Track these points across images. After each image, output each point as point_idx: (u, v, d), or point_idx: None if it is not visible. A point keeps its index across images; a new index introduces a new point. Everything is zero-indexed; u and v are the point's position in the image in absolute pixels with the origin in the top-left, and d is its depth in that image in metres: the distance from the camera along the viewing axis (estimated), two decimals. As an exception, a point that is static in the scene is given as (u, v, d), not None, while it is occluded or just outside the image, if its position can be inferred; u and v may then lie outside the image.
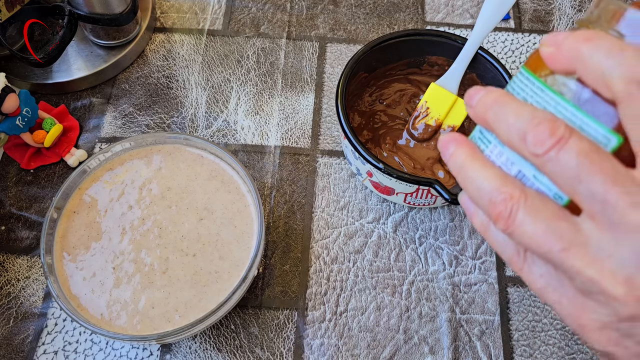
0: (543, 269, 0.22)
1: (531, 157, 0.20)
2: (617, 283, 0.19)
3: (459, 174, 0.23)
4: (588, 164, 0.19)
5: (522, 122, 0.20)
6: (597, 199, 0.19)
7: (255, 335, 0.41)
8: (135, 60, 0.53)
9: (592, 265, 0.20)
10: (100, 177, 0.43)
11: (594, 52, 0.20)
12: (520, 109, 0.21)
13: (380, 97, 0.49)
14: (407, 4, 0.58)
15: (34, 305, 0.42)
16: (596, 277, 0.20)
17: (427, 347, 0.41)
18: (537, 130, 0.20)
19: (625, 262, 0.19)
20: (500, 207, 0.21)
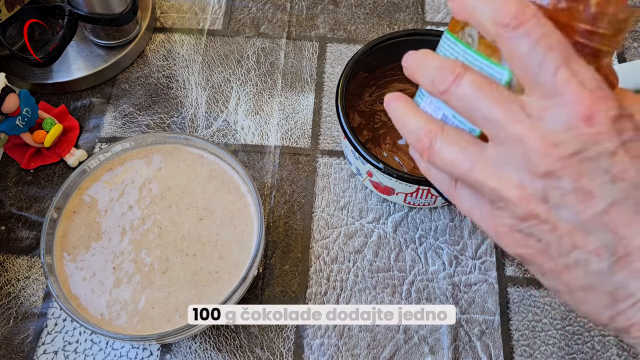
0: (467, 193, 0.26)
1: (440, 96, 0.25)
2: (511, 188, 0.23)
3: (397, 123, 0.27)
4: (479, 92, 0.23)
5: (433, 70, 0.25)
6: (489, 120, 0.23)
7: (255, 335, 0.41)
8: (135, 60, 0.53)
9: (492, 176, 0.23)
10: (100, 177, 0.43)
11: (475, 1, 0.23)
12: (434, 61, 0.25)
13: (380, 97, 0.49)
14: (407, 4, 0.58)
15: (34, 305, 0.42)
16: (496, 185, 0.23)
17: (427, 347, 0.41)
18: (441, 73, 0.24)
19: (515, 170, 0.23)
20: (423, 141, 0.25)
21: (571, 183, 0.21)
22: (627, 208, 0.21)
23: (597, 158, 0.21)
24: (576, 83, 0.21)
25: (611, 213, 0.21)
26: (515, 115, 0.22)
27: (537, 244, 0.23)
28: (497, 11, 0.22)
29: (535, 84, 0.22)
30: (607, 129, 0.21)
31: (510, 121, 0.22)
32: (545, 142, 0.22)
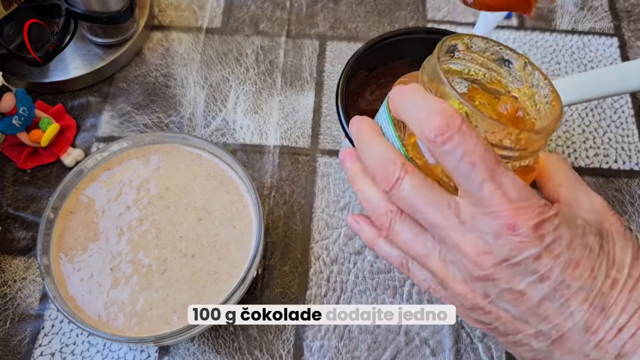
0: (423, 274, 0.29)
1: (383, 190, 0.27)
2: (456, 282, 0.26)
3: (354, 189, 0.29)
4: (419, 197, 0.25)
5: (375, 164, 0.27)
6: (429, 223, 0.26)
7: (255, 337, 0.41)
8: (133, 59, 0.53)
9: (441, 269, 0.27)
10: (97, 177, 0.42)
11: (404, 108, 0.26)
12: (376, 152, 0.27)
13: (381, 96, 0.49)
14: (408, 1, 0.57)
15: (31, 307, 0.42)
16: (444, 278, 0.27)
17: (429, 349, 0.40)
18: (381, 173, 0.26)
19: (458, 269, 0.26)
20: (382, 219, 0.28)
21: (505, 284, 0.24)
22: (556, 300, 0.24)
23: (525, 262, 0.24)
24: (500, 195, 0.24)
25: (542, 305, 0.24)
26: (450, 222, 0.25)
27: (486, 325, 0.27)
28: (423, 124, 0.24)
29: (465, 190, 0.25)
30: (530, 237, 0.23)
31: (447, 228, 0.25)
32: (478, 251, 0.24)
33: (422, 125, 0.24)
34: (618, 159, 0.49)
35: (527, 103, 0.29)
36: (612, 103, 0.52)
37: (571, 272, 0.24)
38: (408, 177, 0.26)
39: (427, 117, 0.24)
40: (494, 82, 0.30)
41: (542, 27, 0.56)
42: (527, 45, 0.55)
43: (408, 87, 0.26)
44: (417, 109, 0.25)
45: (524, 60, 0.29)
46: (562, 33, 0.55)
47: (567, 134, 0.50)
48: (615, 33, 0.56)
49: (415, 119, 0.25)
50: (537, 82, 0.28)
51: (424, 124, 0.24)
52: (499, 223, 0.24)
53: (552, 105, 0.27)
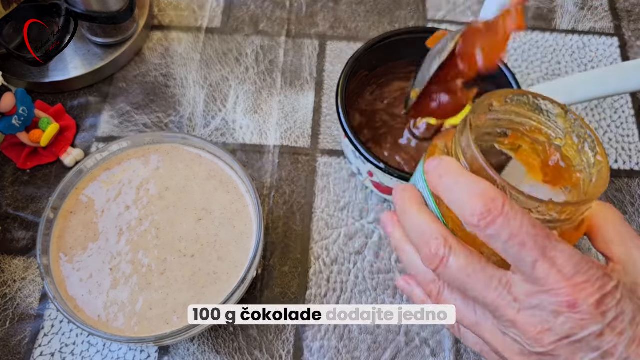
0: (475, 338, 0.29)
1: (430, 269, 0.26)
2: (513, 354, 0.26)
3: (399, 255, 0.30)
4: (467, 276, 0.25)
5: (414, 234, 0.27)
6: (481, 302, 0.25)
7: (254, 338, 0.41)
8: (133, 59, 0.53)
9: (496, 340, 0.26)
10: (97, 177, 0.42)
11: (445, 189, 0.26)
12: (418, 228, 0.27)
13: (381, 95, 0.49)
14: (409, 1, 0.57)
15: (31, 307, 0.42)
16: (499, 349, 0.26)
17: (429, 350, 0.40)
18: (425, 250, 0.26)
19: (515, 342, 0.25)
20: (431, 286, 0.28)
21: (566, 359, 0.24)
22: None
23: (587, 339, 0.23)
24: (556, 273, 0.23)
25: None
26: (503, 300, 0.24)
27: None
28: (464, 208, 0.24)
29: (517, 268, 0.24)
30: (592, 314, 0.23)
31: (500, 307, 0.24)
32: (536, 328, 0.24)
33: (463, 210, 0.24)
34: (618, 159, 0.49)
35: (570, 153, 0.28)
36: (613, 103, 0.52)
37: (635, 348, 0.23)
38: (453, 256, 0.25)
39: (467, 200, 0.23)
40: (533, 131, 0.29)
41: (542, 26, 0.56)
42: (527, 45, 0.55)
43: (444, 166, 0.26)
44: (456, 191, 0.24)
45: (563, 109, 0.28)
46: (563, 33, 0.55)
47: (567, 134, 0.50)
48: (615, 33, 0.56)
49: (455, 202, 0.24)
50: (579, 131, 0.27)
51: (465, 208, 0.23)
52: (558, 301, 0.23)
53: (598, 162, 0.26)
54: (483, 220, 0.23)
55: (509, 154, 0.30)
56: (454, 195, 0.24)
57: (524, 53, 0.54)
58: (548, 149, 0.29)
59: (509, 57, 0.54)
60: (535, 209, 0.24)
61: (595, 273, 0.23)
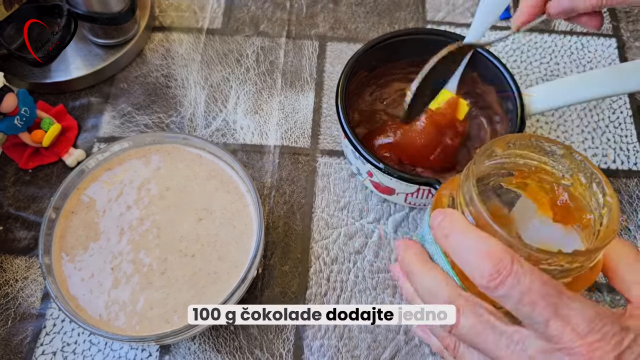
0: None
1: None
2: None
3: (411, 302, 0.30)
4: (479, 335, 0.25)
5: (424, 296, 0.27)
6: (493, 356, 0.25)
7: (255, 337, 0.41)
8: (134, 60, 0.53)
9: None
10: (98, 177, 0.42)
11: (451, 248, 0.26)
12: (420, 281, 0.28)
13: (381, 96, 0.49)
14: (408, 2, 0.57)
15: (32, 306, 0.42)
16: None
17: (428, 348, 0.40)
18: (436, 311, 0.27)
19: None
20: (447, 341, 0.28)
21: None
22: None
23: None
24: (570, 331, 0.22)
25: None
26: (518, 358, 0.24)
27: None
28: (473, 270, 0.23)
29: (530, 326, 0.23)
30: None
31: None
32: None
33: (472, 271, 0.24)
34: (616, 159, 0.49)
35: (579, 192, 0.27)
36: (611, 104, 0.52)
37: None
38: (463, 317, 0.25)
39: (475, 261, 0.23)
40: (540, 172, 0.28)
41: (540, 28, 0.56)
42: (525, 46, 0.55)
43: (449, 222, 0.26)
44: (463, 251, 0.24)
45: (568, 149, 0.27)
46: (561, 34, 0.56)
47: (565, 134, 0.50)
48: (613, 34, 0.56)
49: (464, 263, 0.24)
50: (586, 171, 0.27)
51: (474, 270, 0.23)
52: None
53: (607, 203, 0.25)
54: (492, 281, 0.23)
55: (518, 191, 0.30)
56: (462, 256, 0.24)
57: (522, 54, 0.54)
58: (556, 189, 0.28)
59: (508, 58, 0.54)
60: (545, 261, 0.24)
61: (611, 329, 0.22)
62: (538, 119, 0.51)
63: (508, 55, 0.54)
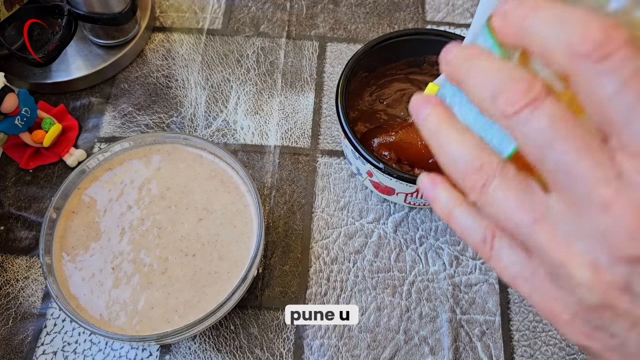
0: (513, 257, 0.21)
1: (501, 119, 0.19)
2: (582, 267, 0.18)
3: (433, 139, 0.21)
4: (560, 129, 0.17)
5: (497, 79, 0.19)
6: (565, 171, 0.18)
7: (255, 336, 0.41)
8: (135, 60, 0.53)
9: (559, 245, 0.18)
10: (99, 177, 0.42)
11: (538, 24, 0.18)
12: (499, 65, 0.19)
13: (381, 96, 0.49)
14: (408, 3, 0.57)
15: (33, 306, 0.42)
16: (562, 258, 0.18)
17: (428, 348, 0.41)
18: (512, 88, 0.18)
19: (590, 245, 0.18)
20: (474, 177, 0.20)
21: None
22: None
23: None
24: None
25: None
26: (603, 173, 0.17)
27: (609, 339, 0.19)
28: (573, 35, 0.17)
29: (622, 135, 0.17)
30: None
31: (597, 181, 0.17)
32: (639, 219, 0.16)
33: (569, 38, 0.17)
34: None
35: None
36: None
37: None
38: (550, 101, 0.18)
39: (578, 28, 0.17)
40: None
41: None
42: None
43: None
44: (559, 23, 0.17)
45: None
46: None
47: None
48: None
49: (557, 34, 0.17)
50: None
51: (573, 35, 0.16)
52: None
53: None
54: (600, 48, 0.16)
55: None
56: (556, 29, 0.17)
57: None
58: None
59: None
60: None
61: None
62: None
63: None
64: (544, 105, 0.18)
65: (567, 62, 0.17)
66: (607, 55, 0.16)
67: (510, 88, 0.18)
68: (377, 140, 0.44)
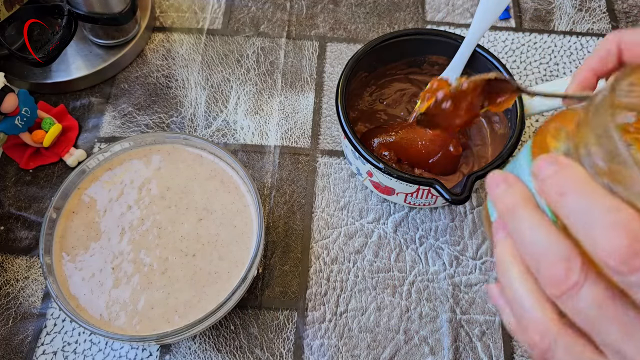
0: None
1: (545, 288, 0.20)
2: None
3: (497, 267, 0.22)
4: (602, 313, 0.19)
5: (536, 248, 0.20)
6: (613, 349, 0.19)
7: (255, 336, 0.41)
8: (135, 60, 0.53)
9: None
10: (99, 177, 0.42)
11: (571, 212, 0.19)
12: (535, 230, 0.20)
13: (381, 96, 0.49)
14: (408, 3, 0.57)
15: (33, 306, 0.42)
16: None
17: (428, 348, 0.41)
18: (552, 269, 0.19)
19: None
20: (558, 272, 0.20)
21: None
22: None
23: None
24: None
25: None
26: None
27: None
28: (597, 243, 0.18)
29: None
30: None
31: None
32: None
33: (595, 245, 0.18)
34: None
35: None
36: (610, 104, 0.52)
37: None
38: (590, 282, 0.19)
39: (602, 233, 0.18)
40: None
41: (540, 28, 0.56)
42: (525, 46, 0.55)
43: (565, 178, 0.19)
44: (584, 219, 0.18)
45: None
46: (560, 34, 0.56)
47: (565, 135, 0.50)
48: (613, 34, 0.56)
49: (584, 233, 0.18)
50: None
51: (598, 242, 0.18)
52: None
53: None
54: (624, 264, 0.17)
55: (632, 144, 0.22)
56: (582, 224, 0.19)
57: (522, 54, 0.54)
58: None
59: (507, 59, 0.54)
60: None
61: None
62: (537, 119, 0.51)
63: (508, 56, 0.54)
64: (583, 290, 0.19)
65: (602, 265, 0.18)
66: (633, 271, 0.17)
67: (551, 269, 0.19)
68: (377, 140, 0.44)
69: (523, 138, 0.49)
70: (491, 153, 0.45)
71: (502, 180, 0.22)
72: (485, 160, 0.45)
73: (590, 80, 0.29)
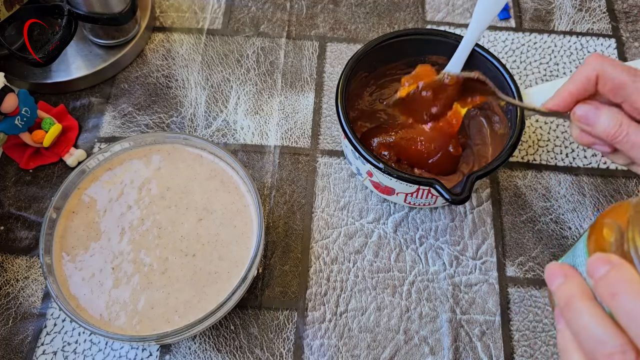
0: None
1: None
2: None
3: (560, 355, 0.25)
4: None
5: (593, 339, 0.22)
6: None
7: (255, 336, 0.41)
8: (135, 60, 0.53)
9: None
10: (99, 177, 0.42)
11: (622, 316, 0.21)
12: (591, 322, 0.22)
13: (381, 96, 0.49)
14: (408, 3, 0.57)
15: (33, 306, 0.42)
16: None
17: (428, 348, 0.41)
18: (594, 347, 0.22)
19: None
20: None
21: None
22: None
23: None
24: None
25: None
26: None
27: None
28: None
29: None
30: None
31: None
32: None
33: None
34: (616, 159, 0.49)
35: None
36: (610, 104, 0.52)
37: None
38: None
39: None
40: None
41: (540, 28, 0.56)
42: (525, 46, 0.55)
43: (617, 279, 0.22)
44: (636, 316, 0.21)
45: None
46: (560, 34, 0.56)
47: (565, 134, 0.50)
48: (613, 34, 0.56)
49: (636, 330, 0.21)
50: None
51: None
52: None
53: None
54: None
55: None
56: (633, 324, 0.21)
57: (522, 54, 0.54)
58: None
59: (507, 59, 0.54)
60: None
61: None
62: (537, 119, 0.51)
63: (507, 56, 0.54)
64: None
65: None
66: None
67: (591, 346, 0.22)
68: (377, 140, 0.44)
69: (523, 138, 0.49)
70: (491, 153, 0.45)
71: (560, 273, 0.25)
72: (485, 160, 0.45)
73: (568, 103, 0.32)
